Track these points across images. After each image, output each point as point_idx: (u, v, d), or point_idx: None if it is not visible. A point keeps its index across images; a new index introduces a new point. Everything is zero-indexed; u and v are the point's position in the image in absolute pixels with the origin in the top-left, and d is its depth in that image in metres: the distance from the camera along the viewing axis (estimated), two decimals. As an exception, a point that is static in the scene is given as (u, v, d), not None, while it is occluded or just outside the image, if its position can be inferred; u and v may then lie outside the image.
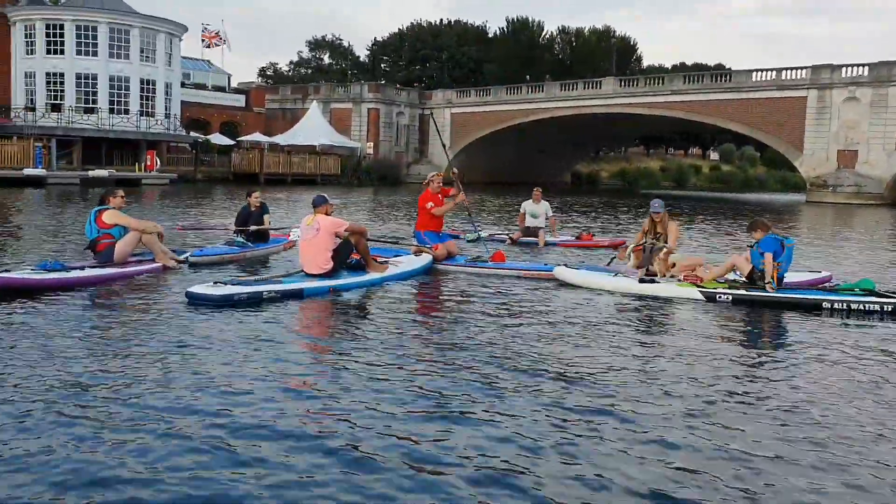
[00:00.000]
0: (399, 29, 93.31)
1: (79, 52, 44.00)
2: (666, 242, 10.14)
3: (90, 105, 44.32)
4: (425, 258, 10.56)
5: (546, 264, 11.00)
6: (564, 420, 4.53)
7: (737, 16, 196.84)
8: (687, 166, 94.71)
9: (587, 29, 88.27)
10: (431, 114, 29.82)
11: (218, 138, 52.48)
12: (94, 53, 44.28)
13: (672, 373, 5.67)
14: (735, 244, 16.23)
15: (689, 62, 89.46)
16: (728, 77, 52.29)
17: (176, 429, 4.16)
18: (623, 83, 57.20)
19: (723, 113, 51.27)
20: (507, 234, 15.61)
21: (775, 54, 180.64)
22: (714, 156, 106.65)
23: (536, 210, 15.27)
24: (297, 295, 8.16)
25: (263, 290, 7.86)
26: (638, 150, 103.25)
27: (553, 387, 5.20)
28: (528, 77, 73.82)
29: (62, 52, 43.88)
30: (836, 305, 8.35)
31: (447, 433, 4.25)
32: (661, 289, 9.01)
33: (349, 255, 9.22)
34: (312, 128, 55.31)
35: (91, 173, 37.36)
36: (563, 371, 5.61)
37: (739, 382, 5.47)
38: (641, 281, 9.17)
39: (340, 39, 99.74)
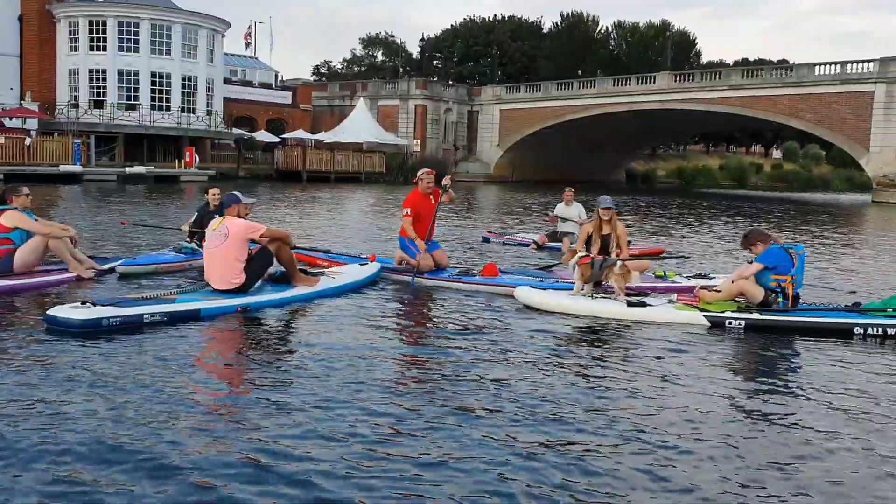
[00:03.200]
0: (452, 25, 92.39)
1: (121, 49, 43.88)
2: (617, 247, 8.69)
3: (132, 101, 44.19)
4: (371, 268, 9.08)
5: (543, 280, 9.02)
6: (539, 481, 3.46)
7: (806, 14, 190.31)
8: (747, 164, 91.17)
9: (644, 24, 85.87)
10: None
11: (263, 135, 52.10)
12: (136, 50, 44.13)
13: (673, 423, 4.40)
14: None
15: (751, 59, 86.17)
16: (788, 71, 49.68)
17: None
18: (678, 78, 54.91)
19: (782, 108, 48.69)
20: (533, 239, 13.93)
21: (844, 56, 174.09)
22: (777, 154, 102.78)
23: (566, 213, 13.59)
24: (192, 317, 6.62)
25: (144, 311, 6.35)
26: (697, 148, 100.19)
27: (523, 436, 4.09)
28: (580, 72, 71.90)
29: (104, 48, 43.79)
30: (870, 331, 6.80)
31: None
32: (657, 314, 7.31)
33: (267, 266, 7.70)
34: (358, 125, 54.47)
35: (129, 169, 37.14)
36: (522, 414, 4.44)
37: (767, 445, 4.13)
38: (631, 304, 7.44)
39: (393, 37, 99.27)
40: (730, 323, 7.00)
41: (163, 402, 4.45)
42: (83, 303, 6.24)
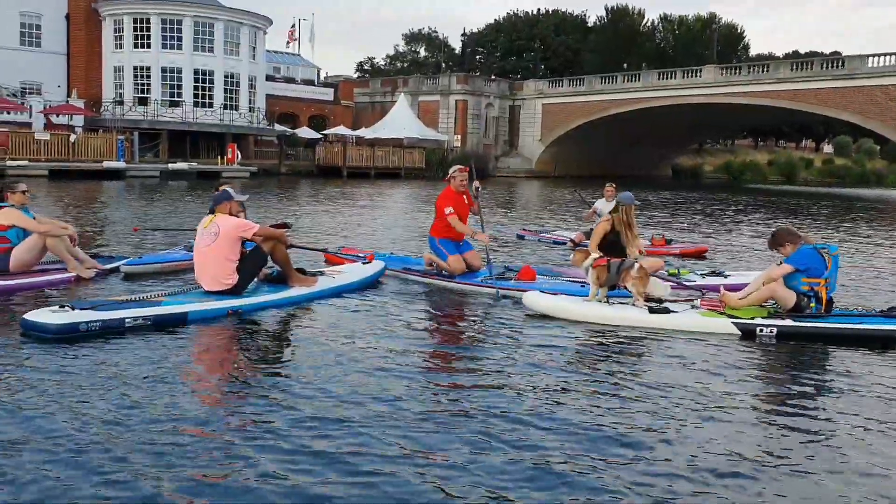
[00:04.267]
0: (495, 19, 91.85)
1: (164, 46, 44.34)
2: (633, 248, 8.23)
3: (175, 98, 44.66)
4: (374, 267, 8.70)
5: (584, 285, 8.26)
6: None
7: (859, 5, 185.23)
8: (797, 159, 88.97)
9: (691, 16, 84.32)
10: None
11: (305, 132, 52.43)
12: (179, 47, 44.56)
13: (707, 444, 4.05)
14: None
15: (802, 51, 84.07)
16: (840, 63, 48.15)
17: None
18: (724, 71, 53.65)
19: (833, 102, 47.22)
20: (569, 237, 13.28)
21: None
22: (828, 149, 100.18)
23: (608, 210, 12.99)
24: (179, 321, 6.27)
25: (126, 315, 5.98)
26: (745, 143, 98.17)
27: (536, 456, 3.81)
28: (625, 66, 70.88)
29: (149, 46, 44.30)
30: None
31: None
32: (681, 321, 6.69)
33: (261, 266, 7.38)
34: (398, 121, 54.39)
35: (171, 166, 37.52)
36: (534, 433, 4.11)
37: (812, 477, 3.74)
38: (652, 311, 6.83)
39: (436, 32, 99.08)
40: (760, 331, 6.44)
41: (138, 416, 4.16)
42: (61, 306, 5.95)
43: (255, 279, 7.43)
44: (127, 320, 5.98)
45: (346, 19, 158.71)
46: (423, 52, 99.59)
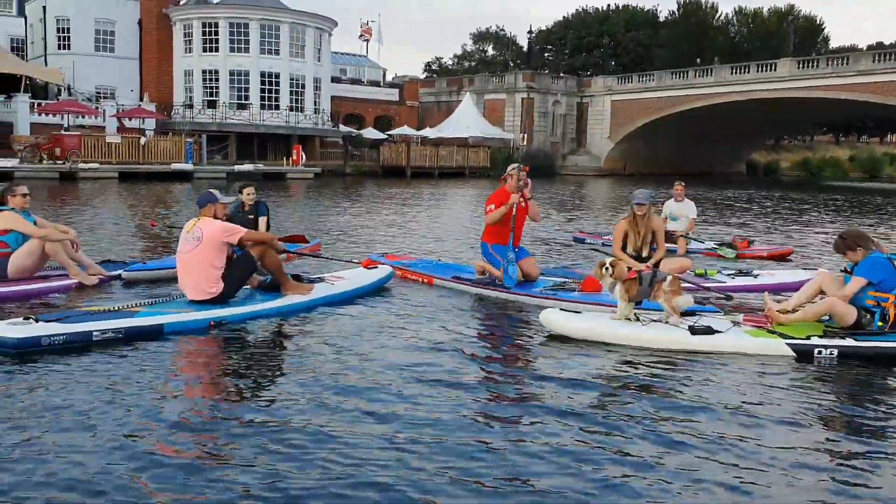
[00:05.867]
0: (564, 16, 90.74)
1: (232, 50, 44.95)
2: (653, 244, 7.59)
3: (242, 101, 45.23)
4: (378, 273, 8.06)
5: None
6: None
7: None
8: (881, 155, 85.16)
9: (766, 9, 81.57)
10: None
11: (370, 132, 52.60)
12: (246, 50, 45.11)
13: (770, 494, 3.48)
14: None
15: (886, 44, 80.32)
16: (926, 54, 45.76)
17: None
18: (801, 65, 51.54)
19: (920, 94, 44.90)
20: None
21: None
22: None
23: (678, 211, 12.10)
24: (154, 333, 5.79)
25: (94, 328, 5.54)
26: (825, 139, 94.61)
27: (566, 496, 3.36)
28: (698, 61, 68.97)
29: (217, 49, 44.97)
30: None
31: None
32: (728, 342, 5.81)
33: (249, 273, 6.87)
34: (463, 120, 54.03)
35: (237, 167, 37.94)
36: (564, 475, 3.61)
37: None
38: (694, 331, 5.91)
39: (503, 30, 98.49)
40: (819, 352, 5.65)
41: (91, 441, 3.77)
42: (26, 318, 5.55)
43: (248, 287, 7.02)
44: (94, 333, 5.54)
45: (415, 20, 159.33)
46: (490, 51, 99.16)
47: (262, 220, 9.61)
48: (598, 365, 5.48)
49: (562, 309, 6.54)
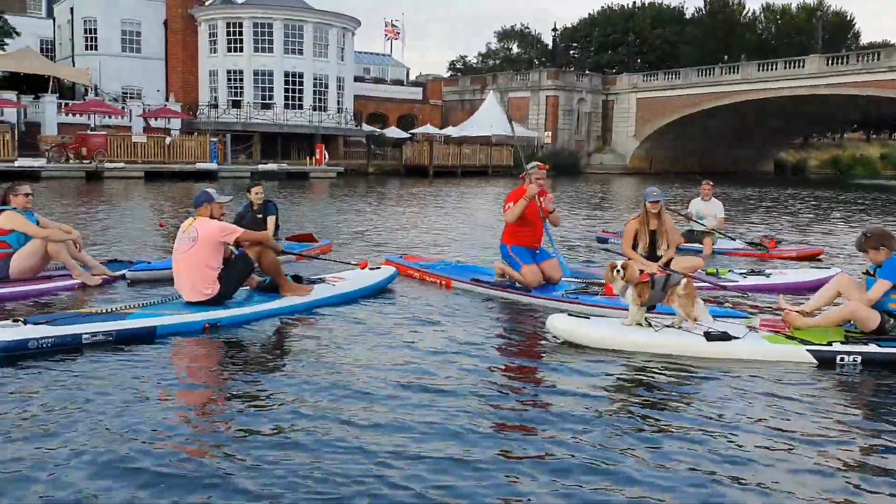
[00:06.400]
0: (589, 14, 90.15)
1: (256, 50, 45.14)
2: (665, 244, 7.41)
3: (266, 101, 45.40)
4: (381, 273, 7.91)
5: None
6: None
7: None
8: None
9: (795, 4, 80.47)
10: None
11: (393, 131, 52.61)
12: (271, 50, 45.27)
13: None
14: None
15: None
16: (961, 48, 44.82)
17: None
18: (830, 61, 50.73)
19: (954, 89, 44.00)
20: None
21: None
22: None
23: (705, 210, 11.90)
24: (146, 336, 5.66)
25: (84, 330, 5.42)
26: (855, 136, 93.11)
27: None
28: (725, 58, 68.21)
29: (241, 49, 45.18)
30: None
31: None
32: (746, 349, 5.52)
33: (247, 274, 6.77)
34: (487, 118, 53.81)
35: (261, 167, 38.08)
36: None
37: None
38: (710, 337, 5.63)
39: (528, 28, 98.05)
40: (842, 359, 5.39)
41: (77, 451, 3.66)
42: (14, 320, 5.44)
43: (247, 288, 6.93)
44: (84, 336, 5.42)
45: (441, 18, 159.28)
46: (515, 49, 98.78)
47: (271, 220, 9.59)
48: (610, 373, 5.27)
49: (570, 314, 6.22)
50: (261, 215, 9.56)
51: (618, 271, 6.04)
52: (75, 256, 7.65)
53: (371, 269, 8.05)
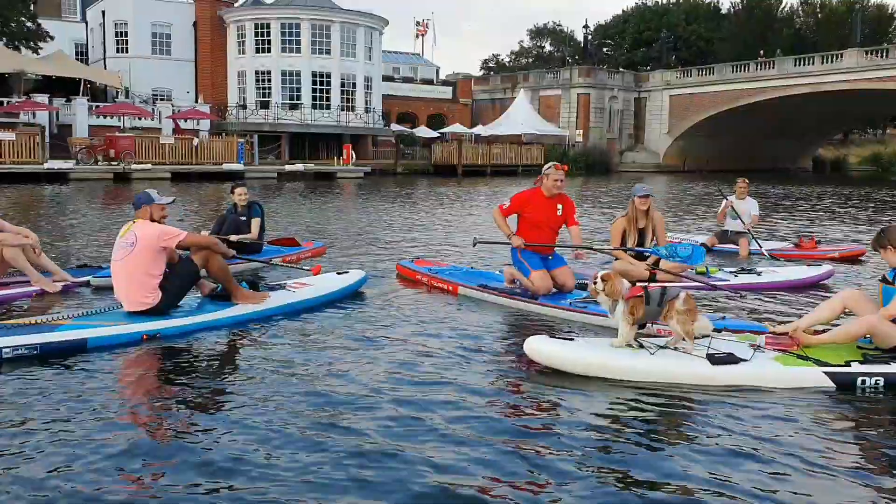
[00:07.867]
0: (623, 10, 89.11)
1: (284, 50, 45.22)
2: (654, 239, 7.04)
3: (294, 101, 45.38)
4: (349, 278, 7.42)
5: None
6: None
7: None
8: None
9: (835, -2, 78.65)
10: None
11: (422, 131, 52.40)
12: (298, 51, 45.27)
13: None
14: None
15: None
16: None
17: None
18: (869, 55, 49.38)
19: None
20: (701, 241, 11.01)
21: None
22: None
23: (740, 208, 11.23)
24: (76, 349, 5.20)
25: (4, 344, 4.96)
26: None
27: None
28: (762, 54, 66.92)
29: (269, 50, 45.26)
30: None
31: None
32: (755, 374, 4.77)
33: (192, 281, 6.31)
34: (517, 117, 53.36)
35: (288, 167, 38.04)
36: None
37: None
38: (715, 360, 4.84)
39: (560, 26, 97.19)
40: (863, 381, 4.71)
41: None
42: None
43: (199, 296, 6.50)
44: (5, 350, 4.96)
45: (473, 17, 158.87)
46: (547, 47, 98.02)
47: (255, 222, 9.11)
48: (601, 399, 4.57)
49: (551, 336, 5.40)
50: (244, 217, 9.10)
51: (597, 283, 5.21)
52: (35, 262, 7.25)
53: (340, 272, 7.60)
